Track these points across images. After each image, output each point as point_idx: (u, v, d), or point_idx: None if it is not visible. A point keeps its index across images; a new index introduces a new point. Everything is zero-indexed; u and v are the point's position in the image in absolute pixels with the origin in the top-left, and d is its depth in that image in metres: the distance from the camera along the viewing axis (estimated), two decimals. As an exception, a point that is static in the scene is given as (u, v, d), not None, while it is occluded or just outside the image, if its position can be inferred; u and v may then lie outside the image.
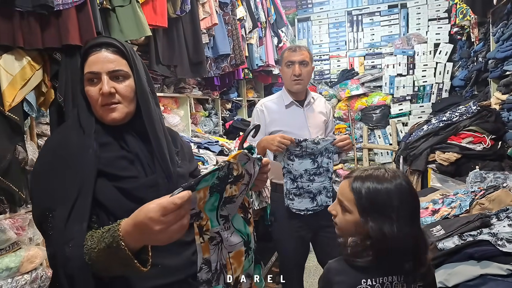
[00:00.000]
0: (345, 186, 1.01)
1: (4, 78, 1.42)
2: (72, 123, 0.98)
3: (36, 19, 1.46)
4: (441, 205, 1.84)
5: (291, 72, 1.91)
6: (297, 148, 1.75)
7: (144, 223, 0.70)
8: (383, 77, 4.44)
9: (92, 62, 0.94)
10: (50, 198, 0.86)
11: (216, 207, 0.86)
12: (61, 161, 0.90)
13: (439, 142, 2.66)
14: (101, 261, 0.78)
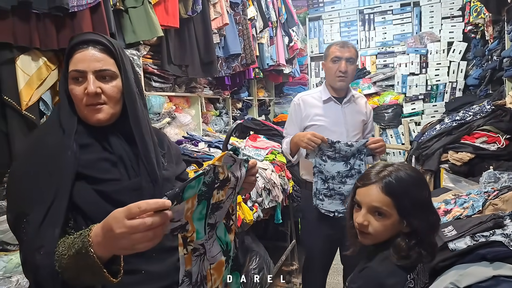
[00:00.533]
0: (375, 192, 1.01)
1: (21, 78, 1.46)
2: (51, 122, 0.92)
3: (51, 20, 1.50)
4: (453, 205, 1.81)
5: (336, 68, 1.86)
6: (330, 149, 1.73)
7: (108, 224, 0.66)
8: (395, 76, 4.39)
9: (78, 60, 0.89)
10: (24, 202, 0.82)
11: (205, 215, 0.81)
12: (38, 162, 0.85)
13: (452, 141, 2.61)
14: (70, 268, 0.73)
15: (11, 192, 0.87)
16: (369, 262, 1.04)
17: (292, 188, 2.70)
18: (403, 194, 0.99)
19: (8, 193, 0.88)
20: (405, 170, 1.03)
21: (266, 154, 2.57)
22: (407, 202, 0.99)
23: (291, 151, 1.91)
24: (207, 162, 2.29)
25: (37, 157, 0.86)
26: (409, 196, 0.99)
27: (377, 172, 1.04)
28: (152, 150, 0.95)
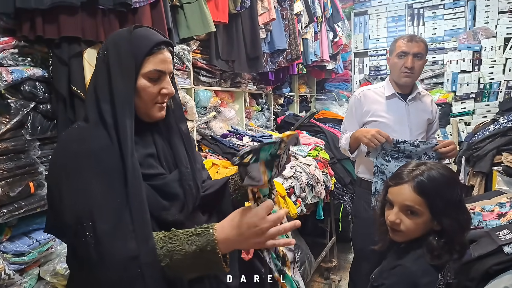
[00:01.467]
0: (407, 191, 1.02)
1: (88, 70, 1.57)
2: (96, 118, 0.87)
3: (115, 15, 1.59)
4: (508, 208, 1.74)
5: (402, 64, 1.78)
6: (394, 149, 1.65)
7: (251, 223, 0.76)
8: (445, 73, 4.20)
9: (161, 60, 0.91)
10: (96, 200, 0.80)
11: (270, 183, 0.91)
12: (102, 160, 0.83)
13: (507, 143, 2.49)
14: (184, 262, 0.77)
15: (73, 190, 0.81)
16: (401, 259, 1.04)
17: (333, 186, 2.69)
18: (435, 193, 1.00)
19: (67, 191, 0.81)
20: (437, 169, 1.03)
21: (309, 150, 2.58)
22: (439, 201, 0.99)
23: (350, 147, 1.84)
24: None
25: (100, 155, 0.83)
26: (441, 196, 1.00)
27: (410, 171, 1.05)
28: (186, 145, 1.00)
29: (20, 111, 1.43)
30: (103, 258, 0.76)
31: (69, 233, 0.80)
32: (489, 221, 1.68)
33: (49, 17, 1.43)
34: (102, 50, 0.92)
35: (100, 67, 0.90)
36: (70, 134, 0.87)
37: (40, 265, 1.50)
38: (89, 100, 0.90)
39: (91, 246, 0.76)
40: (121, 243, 0.77)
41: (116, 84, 0.86)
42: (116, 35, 0.93)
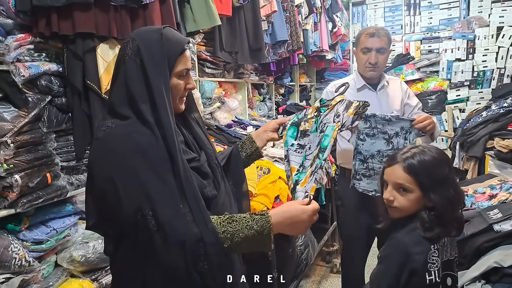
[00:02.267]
0: (398, 170, 1.14)
1: (101, 64, 1.63)
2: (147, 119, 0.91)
3: (127, 12, 1.66)
4: (499, 190, 1.85)
5: (366, 59, 1.83)
6: (366, 125, 1.63)
7: (295, 214, 0.95)
8: (441, 62, 4.29)
9: (187, 58, 0.99)
10: (150, 193, 0.86)
11: (295, 136, 1.36)
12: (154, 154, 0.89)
13: (498, 128, 2.60)
14: (242, 243, 0.90)
15: (129, 184, 0.86)
16: (396, 233, 1.15)
17: (334, 172, 2.79)
18: (423, 171, 1.11)
19: (122, 186, 0.86)
20: (427, 150, 1.14)
21: (310, 137, 2.66)
22: (427, 179, 1.10)
23: None
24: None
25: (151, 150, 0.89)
26: (428, 174, 1.10)
27: (402, 153, 1.17)
28: (200, 129, 1.12)
29: (37, 105, 1.49)
30: (167, 242, 0.84)
31: (128, 225, 0.87)
32: (481, 202, 1.79)
33: (64, 14, 1.49)
34: (131, 50, 0.94)
35: (131, 67, 0.93)
36: (114, 133, 0.91)
37: (57, 252, 1.56)
38: (121, 100, 0.93)
39: (155, 232, 0.84)
40: (183, 226, 0.86)
41: (154, 85, 0.91)
42: (145, 35, 0.96)
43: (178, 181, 0.88)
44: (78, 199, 1.67)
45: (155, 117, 0.91)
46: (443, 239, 1.11)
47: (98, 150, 0.92)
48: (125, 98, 0.93)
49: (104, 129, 0.91)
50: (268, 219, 0.91)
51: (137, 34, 0.98)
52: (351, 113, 1.33)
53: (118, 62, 0.96)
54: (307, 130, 1.37)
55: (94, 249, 1.59)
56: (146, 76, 0.92)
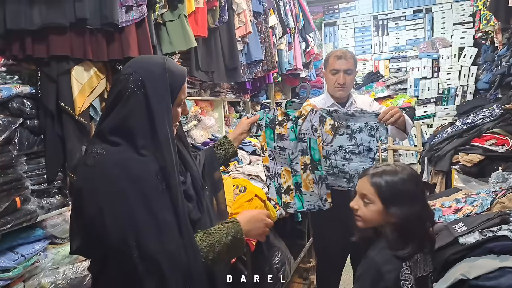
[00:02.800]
0: (365, 182, 1.20)
1: (76, 86, 1.63)
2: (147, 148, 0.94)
3: (103, 35, 1.66)
4: (464, 204, 1.94)
5: (335, 80, 1.92)
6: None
7: (259, 218, 1.09)
8: (408, 79, 4.51)
9: (185, 88, 1.05)
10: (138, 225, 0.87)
11: (273, 138, 1.56)
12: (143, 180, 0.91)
13: (463, 144, 2.73)
14: (223, 252, 0.98)
15: (118, 213, 0.87)
16: (371, 251, 1.19)
17: (309, 187, 2.84)
18: (386, 185, 1.16)
19: (110, 215, 0.87)
20: (396, 168, 1.20)
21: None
22: (388, 193, 1.15)
23: None
24: (233, 162, 2.45)
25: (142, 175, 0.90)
26: (391, 189, 1.16)
27: (374, 167, 1.24)
28: (185, 148, 1.15)
29: (8, 128, 1.44)
30: (150, 274, 0.86)
31: (113, 253, 0.88)
32: (448, 216, 1.87)
33: (39, 37, 1.49)
34: (134, 83, 0.93)
35: (135, 102, 0.93)
36: (105, 161, 0.90)
37: (25, 280, 1.50)
38: (115, 129, 0.93)
39: (138, 264, 0.85)
40: (168, 261, 0.88)
41: (159, 120, 0.93)
42: (148, 67, 0.96)
43: (170, 215, 0.91)
44: (49, 223, 1.61)
45: (156, 149, 0.93)
46: (415, 255, 1.15)
47: (88, 176, 0.91)
48: (121, 129, 0.93)
49: (94, 155, 0.91)
50: (238, 223, 1.03)
51: (139, 66, 0.97)
52: (329, 131, 1.53)
53: (119, 93, 0.95)
54: (284, 135, 1.58)
55: (64, 275, 1.54)
56: (150, 111, 0.93)
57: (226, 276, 1.22)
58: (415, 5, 4.61)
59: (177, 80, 0.99)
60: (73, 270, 1.59)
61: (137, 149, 0.92)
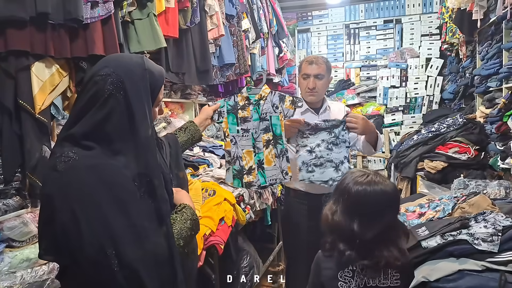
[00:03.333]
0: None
1: (36, 83, 1.56)
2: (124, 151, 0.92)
3: (66, 31, 1.60)
4: (427, 209, 2.00)
5: (306, 84, 1.94)
6: (308, 127, 1.79)
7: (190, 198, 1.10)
8: (378, 88, 4.63)
9: (163, 88, 1.05)
10: (114, 232, 0.85)
11: (236, 123, 1.69)
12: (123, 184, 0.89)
13: (427, 151, 2.84)
14: (189, 236, 1.01)
15: (93, 220, 0.84)
16: None
17: (280, 192, 2.85)
18: (334, 189, 1.23)
19: (85, 222, 0.83)
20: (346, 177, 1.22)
21: (256, 159, 2.71)
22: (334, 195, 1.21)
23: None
24: (202, 165, 2.42)
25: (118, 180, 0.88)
26: (335, 192, 1.22)
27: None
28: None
29: (-39, 125, 1.39)
30: (130, 282, 0.84)
31: (88, 262, 0.83)
32: (412, 220, 1.92)
33: (-4, 30, 1.42)
34: (113, 85, 0.89)
35: (114, 104, 0.89)
36: (77, 166, 0.86)
37: None
38: (88, 133, 0.89)
39: (117, 273, 0.82)
40: (146, 266, 0.86)
41: (140, 121, 0.91)
42: (128, 67, 0.93)
43: (149, 220, 0.90)
44: (6, 226, 1.54)
45: (135, 153, 0.91)
46: (365, 263, 1.13)
47: (58, 182, 0.86)
48: (97, 133, 0.89)
49: (65, 160, 0.86)
50: (188, 206, 1.05)
51: (117, 65, 0.93)
52: (290, 106, 1.71)
53: (95, 95, 0.89)
54: (247, 117, 1.72)
55: (22, 279, 1.46)
56: (131, 113, 0.90)
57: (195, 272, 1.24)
58: (386, 15, 4.76)
59: (156, 80, 0.97)
60: (32, 274, 1.51)
61: (113, 154, 0.88)
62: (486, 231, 1.48)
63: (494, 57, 2.71)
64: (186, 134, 1.46)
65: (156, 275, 0.87)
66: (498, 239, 1.43)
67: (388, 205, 1.15)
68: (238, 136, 1.72)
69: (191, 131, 1.48)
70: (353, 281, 1.13)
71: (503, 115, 2.36)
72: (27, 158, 1.54)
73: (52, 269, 1.64)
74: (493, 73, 2.68)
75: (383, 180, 1.18)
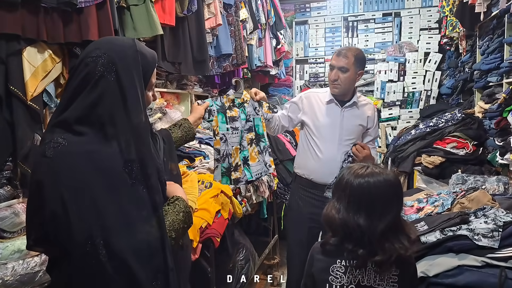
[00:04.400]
0: None
1: (27, 69, 1.51)
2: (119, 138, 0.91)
3: (59, 15, 1.55)
4: (425, 203, 1.99)
5: (330, 76, 1.95)
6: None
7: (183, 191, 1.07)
8: (375, 82, 4.60)
9: (155, 72, 1.03)
10: (104, 221, 0.83)
11: (225, 121, 1.84)
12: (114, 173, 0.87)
13: (425, 146, 2.83)
14: (181, 229, 0.99)
15: (83, 209, 0.83)
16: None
17: (276, 186, 2.82)
18: (334, 183, 1.21)
19: (74, 210, 0.82)
20: (349, 170, 1.17)
21: (253, 151, 2.68)
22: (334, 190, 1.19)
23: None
24: (198, 157, 2.38)
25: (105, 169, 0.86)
26: (334, 187, 1.20)
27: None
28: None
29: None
30: (118, 272, 0.82)
31: (76, 251, 0.82)
32: (410, 215, 1.91)
33: (-15, 12, 1.37)
34: (104, 66, 0.87)
35: (106, 86, 0.87)
36: (67, 151, 0.84)
37: None
38: (81, 117, 0.86)
39: (105, 262, 0.81)
40: (136, 256, 0.84)
41: (132, 104, 0.88)
42: (119, 49, 0.91)
43: (140, 209, 0.88)
44: (-5, 215, 1.50)
45: (128, 138, 0.88)
46: (367, 263, 1.11)
47: (48, 169, 0.84)
48: (89, 117, 0.87)
49: (55, 145, 0.84)
50: (181, 198, 1.02)
51: (109, 48, 0.91)
52: (268, 111, 1.98)
53: (85, 78, 0.87)
54: (235, 116, 1.91)
55: (13, 271, 1.43)
56: (123, 95, 0.87)
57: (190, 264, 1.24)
58: (385, 8, 4.71)
59: (149, 63, 0.96)
60: (23, 266, 1.48)
61: (105, 139, 0.86)
62: (487, 226, 1.47)
63: (495, 51, 2.69)
64: (181, 130, 1.42)
65: (146, 264, 0.85)
66: (498, 235, 1.42)
67: (394, 194, 1.12)
68: (228, 134, 1.89)
69: (185, 128, 1.44)
70: (345, 277, 1.11)
71: (503, 110, 2.35)
72: (18, 146, 1.50)
73: (44, 261, 1.60)
74: (494, 67, 2.66)
75: (383, 170, 1.15)
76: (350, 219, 1.08)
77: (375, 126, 2.07)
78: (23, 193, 1.64)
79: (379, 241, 1.06)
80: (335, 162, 1.88)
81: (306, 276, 1.23)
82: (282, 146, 3.10)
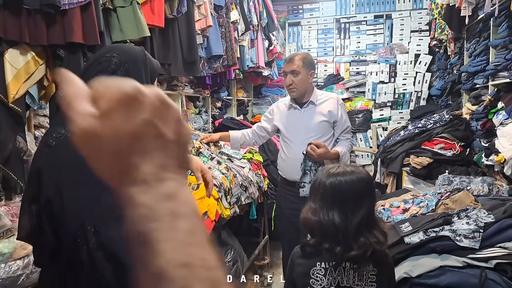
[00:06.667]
0: None
1: (9, 71, 1.50)
2: None
3: (42, 16, 1.54)
4: (411, 204, 2.00)
5: (285, 82, 2.12)
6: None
7: None
8: (367, 83, 4.62)
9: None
10: (97, 210, 0.84)
11: None
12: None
13: (414, 147, 2.84)
14: None
15: (78, 198, 0.84)
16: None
17: (267, 186, 2.83)
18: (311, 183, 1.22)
19: (69, 200, 0.84)
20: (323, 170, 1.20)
21: (244, 153, 2.69)
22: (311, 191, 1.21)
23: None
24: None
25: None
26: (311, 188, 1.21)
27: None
28: None
29: None
30: (108, 262, 0.82)
31: (67, 239, 0.84)
32: (396, 216, 1.92)
33: (-34, 13, 1.36)
34: (116, 65, 0.94)
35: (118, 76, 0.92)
36: (68, 142, 0.85)
37: None
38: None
39: (93, 251, 0.82)
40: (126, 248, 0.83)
41: None
42: (129, 51, 0.99)
43: None
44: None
45: None
46: (344, 263, 1.11)
47: (49, 157, 0.88)
48: None
49: (57, 136, 0.88)
50: None
51: (121, 51, 0.99)
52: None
53: (98, 74, 0.91)
54: None
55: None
56: None
57: None
58: (376, 10, 4.73)
59: (154, 69, 1.04)
60: (5, 269, 1.45)
61: None
62: (468, 227, 1.49)
63: (481, 54, 2.72)
64: None
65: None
66: (479, 236, 1.43)
67: (366, 190, 1.14)
68: None
69: None
70: (325, 279, 1.11)
71: (488, 112, 2.37)
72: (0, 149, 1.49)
73: (27, 264, 1.59)
74: (480, 70, 2.68)
75: (355, 168, 1.19)
76: (324, 217, 1.09)
77: (340, 119, 2.13)
78: (6, 196, 1.63)
79: (353, 237, 1.08)
80: (299, 160, 2.01)
81: (287, 281, 1.24)
82: (273, 147, 3.11)
